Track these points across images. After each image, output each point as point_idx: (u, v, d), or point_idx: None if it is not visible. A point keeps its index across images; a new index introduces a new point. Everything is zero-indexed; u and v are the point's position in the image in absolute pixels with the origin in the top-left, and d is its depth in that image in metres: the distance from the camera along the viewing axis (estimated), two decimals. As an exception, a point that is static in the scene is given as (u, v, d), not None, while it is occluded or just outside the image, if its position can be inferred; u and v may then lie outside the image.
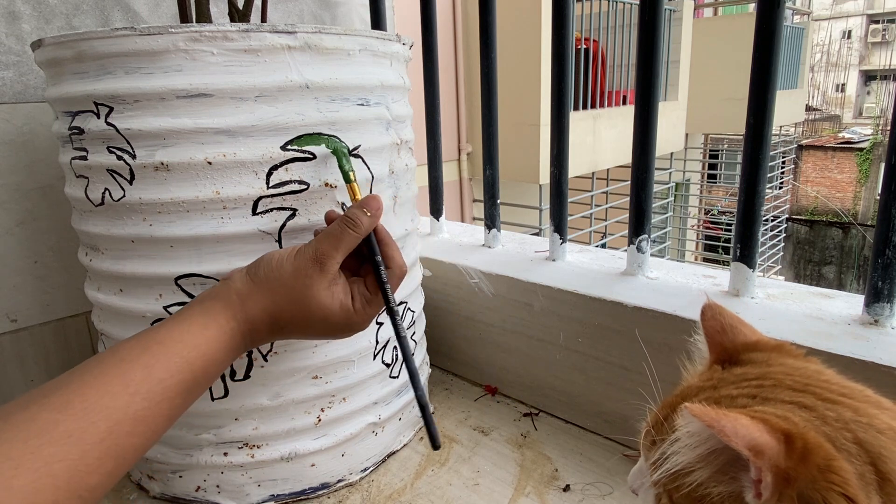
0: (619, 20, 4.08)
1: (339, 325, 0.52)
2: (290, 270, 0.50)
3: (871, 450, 0.28)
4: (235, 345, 0.49)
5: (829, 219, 13.86)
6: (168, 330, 0.45)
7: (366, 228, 0.52)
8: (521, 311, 0.80)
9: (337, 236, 0.51)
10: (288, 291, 0.50)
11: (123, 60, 0.52)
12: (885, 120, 14.03)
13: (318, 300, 0.50)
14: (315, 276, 0.50)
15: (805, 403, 0.31)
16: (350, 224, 0.52)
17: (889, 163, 0.57)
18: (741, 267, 0.68)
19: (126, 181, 0.55)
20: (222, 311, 0.48)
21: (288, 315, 0.50)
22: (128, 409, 0.40)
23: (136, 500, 0.67)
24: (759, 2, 0.61)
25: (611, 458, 0.71)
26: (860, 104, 18.56)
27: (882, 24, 18.20)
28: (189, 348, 0.45)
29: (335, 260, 0.51)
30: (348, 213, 0.52)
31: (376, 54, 0.61)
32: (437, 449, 0.51)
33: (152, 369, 0.42)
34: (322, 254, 0.50)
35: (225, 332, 0.48)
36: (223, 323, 0.48)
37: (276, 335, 0.52)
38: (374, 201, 0.54)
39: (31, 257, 0.81)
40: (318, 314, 0.50)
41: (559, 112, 0.81)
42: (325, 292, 0.50)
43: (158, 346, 0.44)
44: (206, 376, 0.46)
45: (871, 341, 0.56)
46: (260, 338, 0.51)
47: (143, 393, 0.41)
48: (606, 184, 4.44)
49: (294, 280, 0.50)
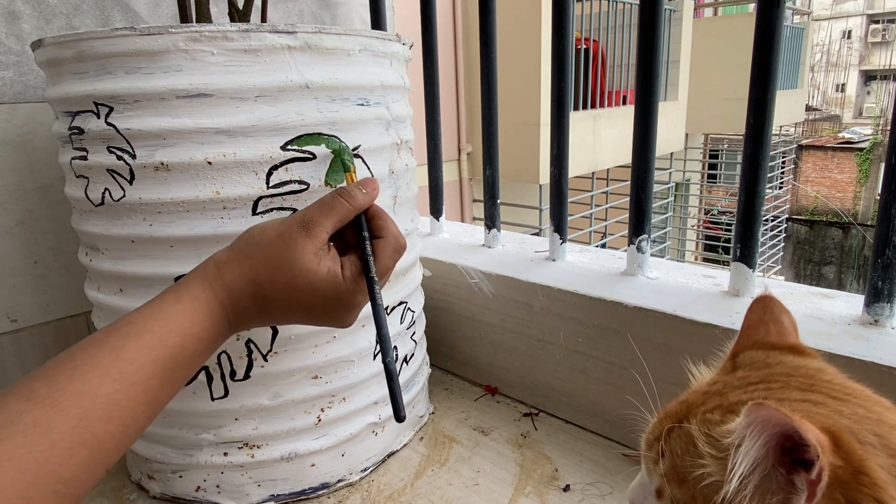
0: (619, 20, 4.09)
1: (329, 296, 0.48)
2: (272, 235, 0.47)
3: (889, 445, 0.28)
4: (214, 316, 0.45)
5: (829, 219, 13.86)
6: (140, 310, 0.43)
7: (359, 203, 0.50)
8: (521, 311, 0.80)
9: (328, 205, 0.49)
10: (269, 254, 0.46)
11: (123, 60, 0.52)
12: (885, 120, 14.03)
13: (301, 263, 0.46)
14: (300, 240, 0.46)
15: (817, 402, 0.30)
16: (344, 195, 0.50)
17: (889, 163, 0.57)
18: (741, 267, 0.68)
19: (126, 181, 0.55)
20: (196, 280, 0.45)
21: (269, 281, 0.46)
22: (97, 392, 0.37)
23: (136, 500, 0.67)
24: (759, 2, 0.61)
25: (611, 458, 0.71)
26: (860, 104, 18.56)
27: (882, 24, 18.20)
28: (160, 324, 0.42)
29: (324, 228, 0.48)
30: (344, 187, 0.51)
31: (376, 54, 0.61)
32: (401, 421, 0.47)
33: (122, 350, 0.39)
34: (310, 219, 0.47)
35: (200, 304, 0.44)
36: (197, 294, 0.44)
37: (263, 308, 0.47)
38: (372, 182, 0.52)
39: (31, 257, 0.81)
40: (303, 280, 0.46)
41: (559, 112, 0.81)
42: (311, 256, 0.46)
43: (128, 327, 0.41)
44: (185, 354, 0.43)
45: (871, 341, 0.56)
46: (243, 309, 0.47)
47: (112, 374, 0.38)
48: (606, 184, 4.44)
49: (277, 243, 0.47)
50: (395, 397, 0.48)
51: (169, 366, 0.41)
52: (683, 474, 0.31)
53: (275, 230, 0.47)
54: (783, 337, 0.38)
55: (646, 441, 0.36)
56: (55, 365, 0.38)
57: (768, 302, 0.40)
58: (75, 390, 0.36)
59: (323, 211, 0.48)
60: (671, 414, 0.34)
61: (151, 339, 0.41)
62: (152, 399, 0.40)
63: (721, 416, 0.31)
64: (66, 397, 0.36)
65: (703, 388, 0.35)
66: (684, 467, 0.31)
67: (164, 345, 0.41)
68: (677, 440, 0.32)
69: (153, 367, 0.40)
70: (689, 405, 0.34)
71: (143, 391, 0.39)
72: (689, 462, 0.31)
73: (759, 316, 0.40)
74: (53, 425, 0.35)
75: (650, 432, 0.36)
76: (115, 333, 0.41)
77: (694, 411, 0.33)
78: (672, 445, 0.33)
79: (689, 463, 0.31)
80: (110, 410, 0.37)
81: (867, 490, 0.25)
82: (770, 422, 0.26)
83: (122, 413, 0.38)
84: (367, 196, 0.51)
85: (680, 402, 0.36)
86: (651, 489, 0.34)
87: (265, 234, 0.47)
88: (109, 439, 0.37)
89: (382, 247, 0.51)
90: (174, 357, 0.42)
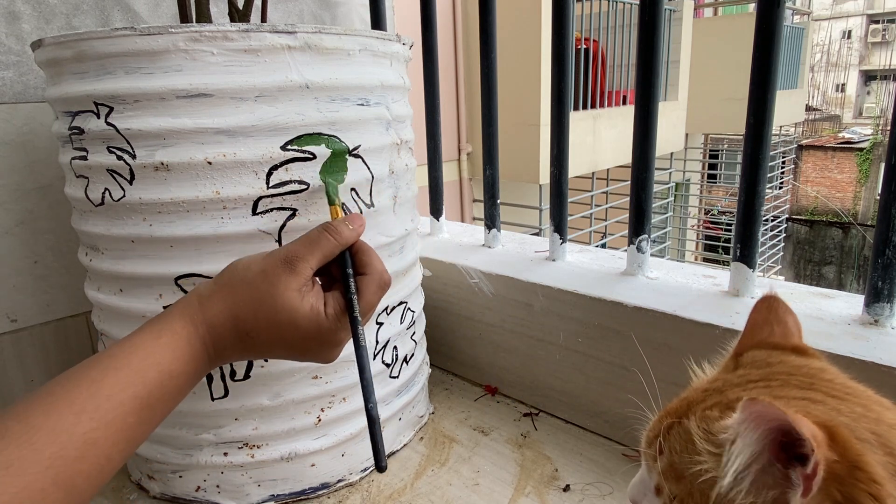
0: (619, 20, 4.09)
1: (311, 334, 0.47)
2: (256, 271, 0.46)
3: (887, 443, 0.28)
4: (194, 352, 0.44)
5: (829, 219, 13.86)
6: (121, 343, 0.42)
7: (346, 239, 0.50)
8: (521, 311, 0.80)
9: (314, 241, 0.48)
10: (252, 290, 0.46)
11: (123, 60, 0.52)
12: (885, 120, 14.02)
13: (284, 299, 0.45)
14: (283, 276, 0.46)
15: (815, 399, 0.31)
16: (330, 231, 0.49)
17: (889, 163, 0.57)
18: (741, 267, 0.68)
19: (126, 181, 0.55)
20: (178, 316, 0.45)
21: (252, 317, 0.45)
22: (74, 430, 0.36)
23: (136, 500, 0.67)
24: (759, 2, 0.61)
25: (611, 458, 0.71)
26: (860, 104, 18.56)
27: (882, 24, 18.20)
28: (140, 357, 0.41)
29: (308, 264, 0.47)
30: (330, 223, 0.50)
31: (376, 54, 0.61)
32: (381, 471, 0.46)
33: (100, 384, 0.38)
34: (294, 255, 0.47)
35: (181, 339, 0.43)
36: (178, 329, 0.44)
37: (245, 344, 0.47)
38: (358, 218, 0.52)
39: (31, 257, 0.81)
40: (286, 316, 0.45)
41: (559, 112, 0.81)
42: (294, 293, 0.46)
43: (108, 360, 0.40)
44: (164, 390, 0.42)
45: (871, 341, 0.56)
46: (225, 345, 0.46)
47: (89, 411, 0.37)
48: (606, 184, 4.44)
49: (260, 279, 0.46)
50: (375, 446, 0.48)
51: (147, 403, 0.41)
52: (681, 471, 0.31)
53: (259, 265, 0.47)
54: (787, 338, 0.38)
55: (646, 438, 0.36)
56: (32, 400, 0.37)
57: (773, 302, 0.40)
58: (50, 428, 0.35)
59: (308, 247, 0.48)
60: (671, 411, 0.35)
61: (130, 374, 0.40)
62: (129, 437, 0.40)
63: (719, 412, 0.31)
64: (41, 435, 0.35)
65: (703, 386, 0.36)
66: (682, 464, 0.31)
67: (142, 380, 0.40)
68: (676, 437, 0.32)
69: (131, 403, 0.39)
70: (688, 403, 0.34)
71: (119, 429, 0.39)
72: (687, 458, 0.31)
73: (764, 316, 0.39)
74: (28, 465, 0.34)
75: (650, 430, 0.36)
76: (95, 367, 0.40)
77: (693, 408, 0.33)
78: (671, 442, 0.33)
79: (686, 459, 0.31)
80: (86, 450, 0.37)
81: (864, 486, 0.25)
82: (765, 417, 0.26)
83: (97, 452, 0.37)
84: (354, 232, 0.51)
85: (680, 399, 0.36)
86: (650, 486, 0.35)
87: (249, 269, 0.47)
88: (83, 479, 0.37)
89: (367, 284, 0.50)
90: (152, 394, 0.41)
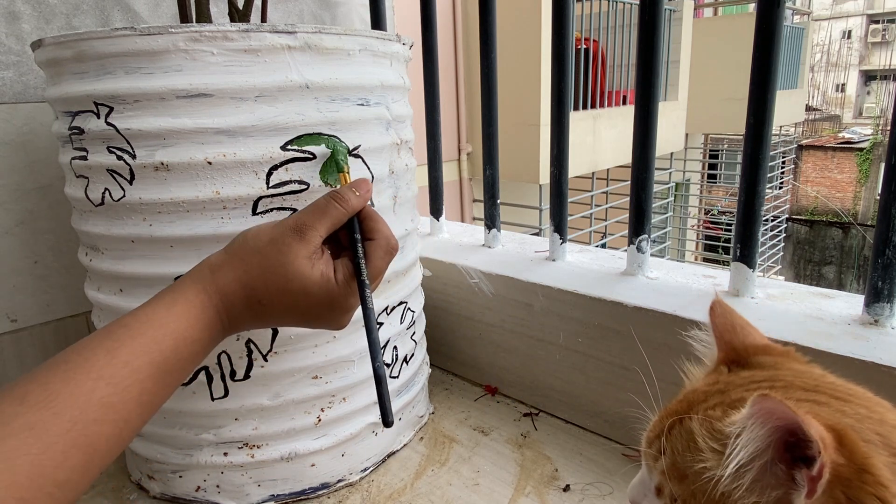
0: (619, 20, 4.08)
1: (322, 300, 0.48)
2: (266, 240, 0.47)
3: (891, 444, 0.28)
4: (208, 319, 0.45)
5: (829, 219, 13.86)
6: (134, 313, 0.43)
7: (353, 206, 0.50)
8: (521, 311, 0.80)
9: (322, 209, 0.49)
10: (262, 259, 0.46)
11: (123, 60, 0.52)
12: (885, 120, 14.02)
13: (295, 267, 0.46)
14: (294, 245, 0.47)
15: (820, 401, 0.31)
16: (338, 199, 0.50)
17: (889, 163, 0.57)
18: (741, 267, 0.68)
19: (126, 181, 0.55)
20: (191, 284, 0.45)
21: (262, 286, 0.46)
22: (92, 394, 0.37)
23: (136, 500, 0.67)
24: (759, 2, 0.61)
25: (611, 458, 0.71)
26: (860, 104, 18.56)
27: (882, 24, 18.20)
28: (155, 327, 0.42)
29: (318, 232, 0.48)
30: (337, 190, 0.51)
31: (376, 54, 0.61)
32: (388, 426, 0.47)
33: (116, 352, 0.40)
34: (303, 224, 0.48)
35: (194, 307, 0.44)
36: (191, 297, 0.45)
37: (257, 312, 0.47)
38: (365, 183, 0.52)
39: (31, 257, 0.81)
40: (297, 284, 0.46)
41: (559, 112, 0.81)
42: (305, 261, 0.47)
43: (122, 330, 0.41)
44: (180, 357, 0.43)
45: (871, 341, 0.56)
46: (237, 313, 0.47)
47: (106, 377, 0.38)
48: (606, 184, 4.44)
49: (270, 247, 0.47)
50: (382, 402, 0.48)
51: (163, 368, 0.41)
52: (683, 470, 0.31)
53: (268, 234, 0.48)
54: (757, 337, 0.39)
55: (646, 438, 0.36)
56: (49, 367, 0.38)
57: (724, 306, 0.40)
58: (69, 393, 0.36)
59: (316, 215, 0.49)
60: (672, 411, 0.35)
61: (146, 342, 0.41)
62: (147, 401, 0.41)
63: (722, 411, 0.31)
64: (61, 400, 0.36)
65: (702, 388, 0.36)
66: (684, 463, 0.31)
67: (158, 348, 0.41)
68: (678, 436, 0.32)
69: (147, 369, 0.40)
70: (689, 402, 0.34)
71: (137, 394, 0.40)
72: (690, 458, 0.31)
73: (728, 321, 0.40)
74: (48, 428, 0.35)
75: (651, 430, 0.36)
76: (110, 336, 0.41)
77: (696, 408, 0.33)
78: (673, 442, 0.33)
79: (689, 459, 0.31)
80: (105, 413, 0.37)
81: (871, 488, 0.25)
82: (774, 414, 0.26)
83: (116, 416, 0.38)
84: (360, 198, 0.51)
85: (680, 400, 0.36)
86: (651, 487, 0.34)
87: (259, 239, 0.48)
88: (103, 441, 0.37)
89: (374, 248, 0.51)
90: (168, 360, 0.42)
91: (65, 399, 0.36)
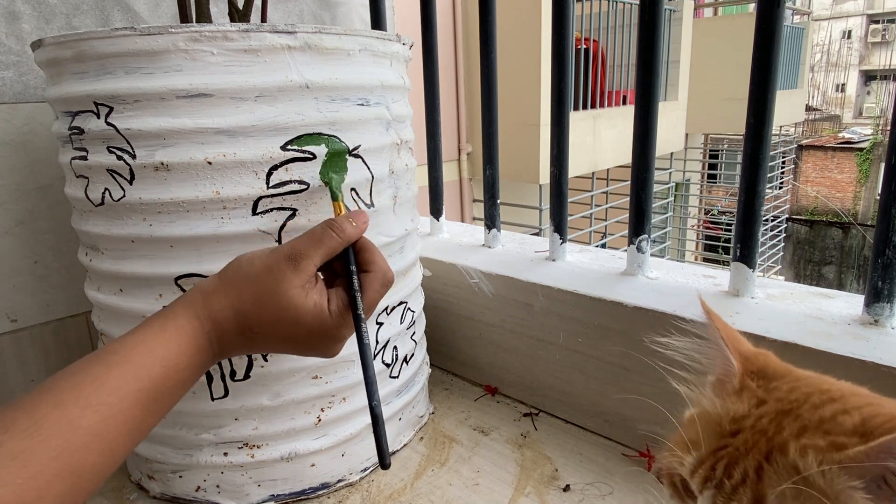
0: (619, 20, 4.08)
1: (314, 330, 0.47)
2: (260, 267, 0.47)
3: None
4: (199, 346, 0.45)
5: (829, 219, 13.86)
6: (123, 339, 0.42)
7: (349, 237, 0.50)
8: (521, 311, 0.80)
9: (318, 238, 0.48)
10: (255, 287, 0.46)
11: (123, 60, 0.52)
12: (885, 120, 14.02)
13: (289, 297, 0.46)
14: (287, 273, 0.46)
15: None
16: (334, 228, 0.49)
17: (889, 163, 0.57)
18: (741, 267, 0.68)
19: (126, 181, 0.55)
20: (182, 311, 0.45)
21: (255, 314, 0.46)
22: (79, 423, 0.36)
23: (136, 500, 0.67)
24: (759, 2, 0.61)
25: (611, 458, 0.71)
26: (860, 104, 18.56)
27: (882, 24, 18.19)
28: (144, 353, 0.41)
29: (312, 261, 0.47)
30: (334, 220, 0.51)
31: (376, 54, 0.61)
32: (385, 468, 0.46)
33: (104, 379, 0.39)
34: (298, 252, 0.47)
35: (185, 333, 0.44)
36: (183, 323, 0.44)
37: (248, 339, 0.47)
38: (362, 215, 0.52)
39: (31, 257, 0.81)
40: (290, 314, 0.46)
41: (559, 112, 0.81)
42: (298, 290, 0.46)
43: (112, 356, 0.41)
44: (169, 384, 0.42)
45: (871, 341, 0.56)
46: (229, 340, 0.46)
47: (94, 405, 0.38)
48: (606, 184, 4.44)
49: (264, 275, 0.46)
50: (380, 444, 0.47)
51: (152, 396, 0.41)
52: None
53: (263, 262, 0.47)
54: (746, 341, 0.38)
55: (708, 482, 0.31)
56: (37, 394, 0.37)
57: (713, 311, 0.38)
58: (55, 421, 0.36)
59: (312, 243, 0.48)
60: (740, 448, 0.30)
61: (135, 369, 0.40)
62: (134, 429, 0.40)
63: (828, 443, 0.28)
64: (46, 428, 0.35)
65: (759, 412, 0.32)
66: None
67: (147, 375, 0.41)
68: (776, 475, 0.28)
69: (136, 396, 0.40)
70: (761, 432, 0.30)
71: (124, 421, 0.39)
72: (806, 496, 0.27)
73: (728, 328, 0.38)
74: (33, 456, 0.34)
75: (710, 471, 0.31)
76: (99, 362, 0.40)
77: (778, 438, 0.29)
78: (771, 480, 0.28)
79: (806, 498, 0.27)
80: (91, 441, 0.37)
81: None
82: None
83: (103, 444, 0.38)
84: (357, 229, 0.51)
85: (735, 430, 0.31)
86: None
87: (252, 266, 0.47)
88: (90, 469, 0.37)
89: (370, 281, 0.50)
90: (157, 388, 0.41)
91: (51, 427, 0.35)
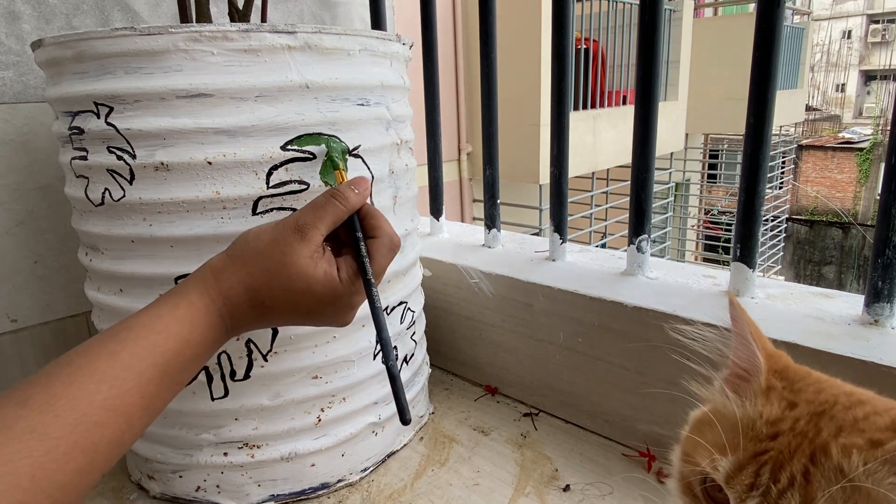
0: (619, 20, 4.08)
1: (326, 299, 0.48)
2: (267, 241, 0.47)
3: None
4: (211, 323, 0.45)
5: (829, 219, 13.86)
6: (137, 315, 0.43)
7: (352, 204, 0.50)
8: (521, 311, 0.80)
9: (321, 207, 0.49)
10: (264, 260, 0.46)
11: (123, 60, 0.52)
12: (885, 120, 14.02)
13: (298, 267, 0.46)
14: (295, 244, 0.47)
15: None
16: (337, 196, 0.50)
17: (889, 163, 0.57)
18: (741, 267, 0.68)
19: (126, 181, 0.55)
20: (193, 288, 0.45)
21: (266, 287, 0.46)
22: (94, 398, 0.37)
23: (136, 500, 0.67)
24: (759, 2, 0.61)
25: (611, 458, 0.71)
26: (860, 104, 18.56)
27: (882, 24, 18.19)
28: (157, 330, 0.42)
29: (318, 231, 0.48)
30: (336, 188, 0.51)
31: (376, 54, 0.61)
32: (406, 424, 0.47)
33: (118, 355, 0.39)
34: (304, 223, 0.47)
35: (197, 310, 0.44)
36: (194, 300, 0.44)
37: (261, 313, 0.48)
38: (363, 181, 0.52)
39: (31, 257, 0.81)
40: (300, 284, 0.46)
41: (559, 112, 0.81)
42: (307, 260, 0.46)
43: (126, 332, 0.41)
44: (182, 359, 0.43)
45: (872, 341, 0.56)
46: (241, 315, 0.47)
47: (109, 380, 0.38)
48: (606, 184, 4.44)
49: (272, 248, 0.47)
50: (399, 400, 0.48)
51: (166, 371, 0.41)
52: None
53: (269, 235, 0.47)
54: None
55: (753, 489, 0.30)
56: (52, 370, 0.38)
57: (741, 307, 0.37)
58: (71, 396, 0.36)
59: (317, 213, 0.48)
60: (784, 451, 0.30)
61: (148, 345, 0.41)
62: (149, 404, 0.41)
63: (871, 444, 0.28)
64: (63, 403, 0.36)
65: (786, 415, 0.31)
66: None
67: (161, 351, 0.41)
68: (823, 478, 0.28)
69: (150, 372, 0.40)
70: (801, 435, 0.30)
71: (139, 396, 0.40)
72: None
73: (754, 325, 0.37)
74: (49, 430, 0.35)
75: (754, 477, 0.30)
76: (113, 339, 0.41)
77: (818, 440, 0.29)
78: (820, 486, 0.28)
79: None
80: (106, 416, 0.37)
81: None
82: None
83: (118, 418, 0.38)
84: (360, 196, 0.51)
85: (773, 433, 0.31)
86: None
87: (260, 240, 0.47)
88: (105, 444, 0.37)
89: (377, 247, 0.51)
90: (171, 363, 0.42)
91: (67, 402, 0.36)
